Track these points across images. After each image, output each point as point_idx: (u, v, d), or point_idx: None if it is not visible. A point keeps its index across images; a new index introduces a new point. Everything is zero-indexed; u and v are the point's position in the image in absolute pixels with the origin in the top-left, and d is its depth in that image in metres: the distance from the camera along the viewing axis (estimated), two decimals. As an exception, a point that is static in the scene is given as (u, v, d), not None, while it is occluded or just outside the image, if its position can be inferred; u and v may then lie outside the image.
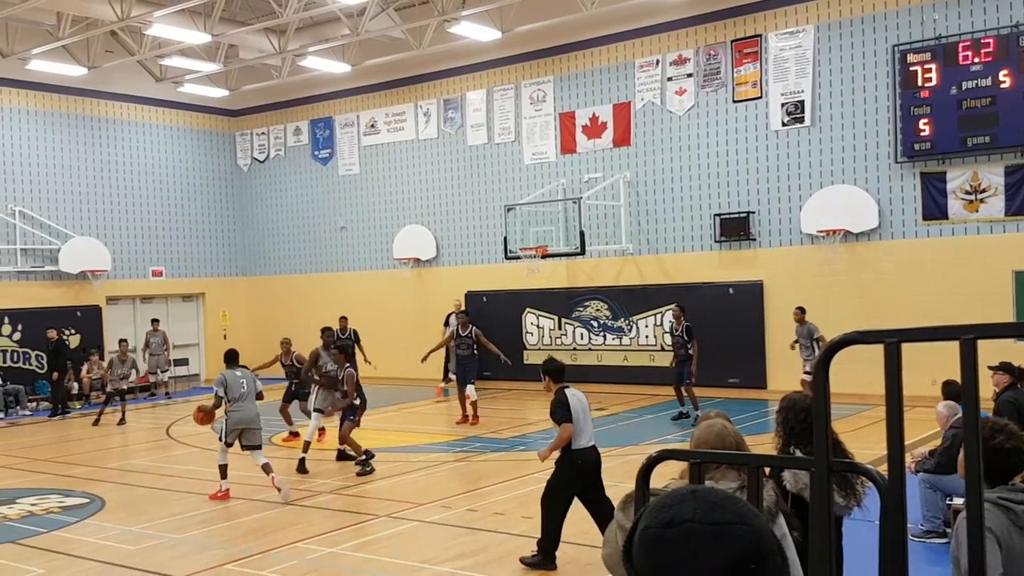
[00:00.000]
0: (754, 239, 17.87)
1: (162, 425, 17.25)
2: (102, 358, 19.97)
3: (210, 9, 18.28)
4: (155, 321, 22.03)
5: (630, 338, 19.28)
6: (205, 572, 7.92)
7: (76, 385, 20.47)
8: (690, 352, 15.10)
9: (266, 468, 10.60)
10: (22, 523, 9.88)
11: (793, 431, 4.52)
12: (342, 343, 17.67)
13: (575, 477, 7.60)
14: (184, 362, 23.82)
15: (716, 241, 18.23)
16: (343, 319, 18.24)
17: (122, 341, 19.15)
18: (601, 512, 7.49)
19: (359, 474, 11.68)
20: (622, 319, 19.36)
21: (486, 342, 16.18)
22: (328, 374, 12.96)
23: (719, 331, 17.82)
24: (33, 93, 21.29)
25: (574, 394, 7.76)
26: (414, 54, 20.30)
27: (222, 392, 10.66)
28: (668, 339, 17.22)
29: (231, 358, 11.13)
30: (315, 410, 12.92)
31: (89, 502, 10.78)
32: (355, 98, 23.37)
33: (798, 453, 4.39)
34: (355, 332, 17.90)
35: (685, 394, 15.28)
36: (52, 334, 19.50)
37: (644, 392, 18.17)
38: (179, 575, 7.87)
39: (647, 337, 19.10)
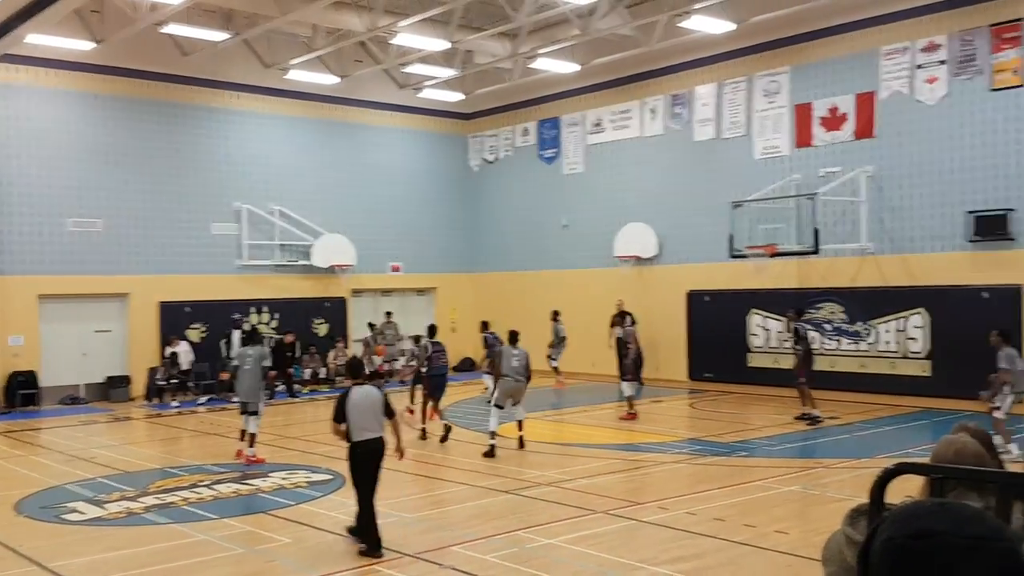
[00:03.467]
0: (1013, 239, 16.21)
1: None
2: (347, 346, 21.56)
3: (449, 17, 19.19)
4: (388, 313, 23.48)
5: (868, 343, 18.12)
6: (433, 552, 8.34)
7: (325, 370, 22.26)
8: (798, 352, 15.55)
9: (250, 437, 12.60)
10: (274, 495, 10.88)
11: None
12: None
13: (356, 465, 8.46)
14: (417, 353, 25.20)
15: (969, 241, 16.72)
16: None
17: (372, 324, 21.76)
18: (369, 496, 8.45)
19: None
20: (859, 323, 18.24)
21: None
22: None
23: (970, 338, 16.34)
24: (290, 101, 23.28)
25: (363, 392, 8.52)
26: (642, 51, 20.21)
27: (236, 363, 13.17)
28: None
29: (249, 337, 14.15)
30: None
31: (332, 478, 11.67)
32: (581, 97, 23.62)
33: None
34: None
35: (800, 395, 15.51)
36: (289, 338, 21.21)
37: (882, 402, 17.02)
38: (410, 551, 8.35)
39: (887, 343, 17.87)
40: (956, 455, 3.25)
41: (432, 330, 15.13)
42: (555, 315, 21.56)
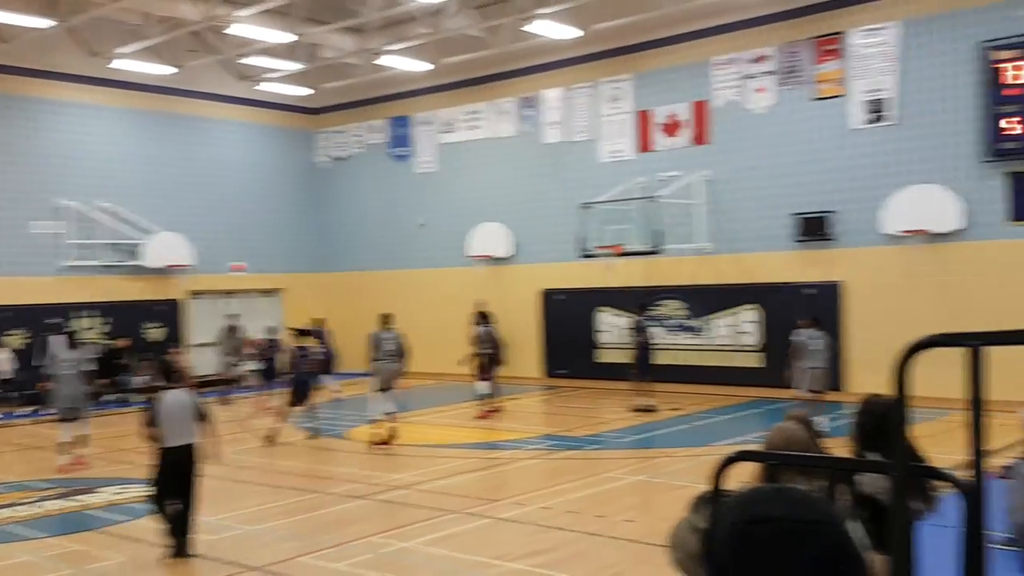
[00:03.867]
0: (833, 239, 17.45)
1: (238, 419, 17.71)
2: (184, 351, 20.56)
3: (292, 9, 18.68)
4: (231, 316, 22.57)
5: (706, 338, 19.05)
6: (282, 563, 8.10)
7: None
8: (635, 344, 16.53)
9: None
10: (105, 512, 10.26)
11: (869, 435, 4.42)
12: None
13: (165, 472, 8.31)
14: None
15: (795, 241, 17.86)
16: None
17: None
18: (184, 504, 8.33)
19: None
20: (698, 318, 19.16)
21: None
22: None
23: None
24: (119, 91, 21.97)
25: (174, 397, 8.36)
26: (492, 52, 20.40)
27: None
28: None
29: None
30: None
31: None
32: (433, 96, 23.58)
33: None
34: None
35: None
36: (121, 343, 20.18)
37: (719, 392, 17.93)
38: (257, 565, 8.07)
39: (723, 337, 18.85)
40: (786, 442, 3.49)
41: (300, 333, 15.05)
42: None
